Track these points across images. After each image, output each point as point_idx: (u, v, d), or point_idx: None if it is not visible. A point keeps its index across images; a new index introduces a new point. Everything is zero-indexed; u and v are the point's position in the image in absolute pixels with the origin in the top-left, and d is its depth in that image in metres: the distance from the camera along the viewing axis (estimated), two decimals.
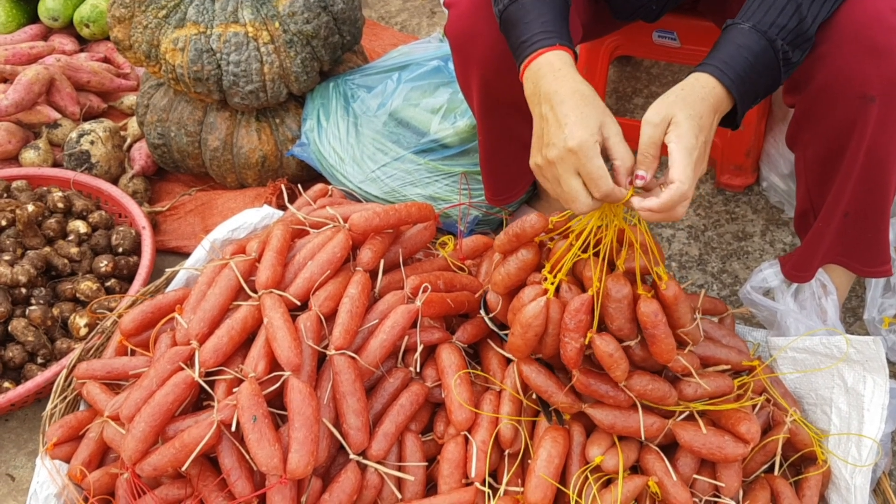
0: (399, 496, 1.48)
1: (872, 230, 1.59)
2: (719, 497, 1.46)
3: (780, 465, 1.55)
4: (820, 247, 1.64)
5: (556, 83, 1.25)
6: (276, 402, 1.48)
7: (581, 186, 1.21)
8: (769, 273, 1.78)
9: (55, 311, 1.96)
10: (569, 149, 1.19)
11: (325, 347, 1.51)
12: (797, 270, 1.71)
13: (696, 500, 1.46)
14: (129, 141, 2.49)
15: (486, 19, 1.52)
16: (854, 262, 1.66)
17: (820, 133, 1.49)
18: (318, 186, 1.97)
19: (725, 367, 1.57)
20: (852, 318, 2.00)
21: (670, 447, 1.51)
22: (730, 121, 1.32)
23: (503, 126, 1.75)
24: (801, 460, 1.60)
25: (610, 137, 1.22)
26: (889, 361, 1.86)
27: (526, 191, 1.96)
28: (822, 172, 1.55)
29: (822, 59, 1.37)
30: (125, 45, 2.25)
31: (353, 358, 1.49)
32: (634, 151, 1.24)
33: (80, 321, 1.94)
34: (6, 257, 1.99)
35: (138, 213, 2.19)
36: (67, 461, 1.59)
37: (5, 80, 2.56)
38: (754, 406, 1.55)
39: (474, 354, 1.71)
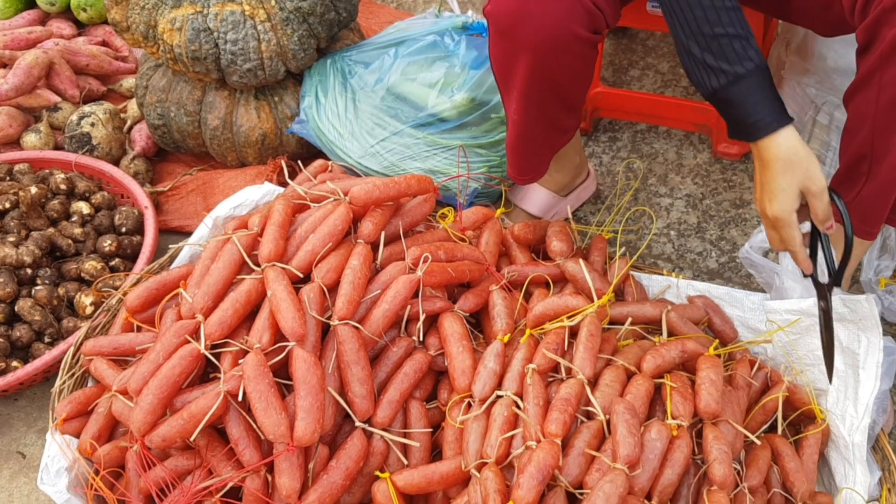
0: (405, 462, 1.50)
1: None
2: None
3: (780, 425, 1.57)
4: (890, 198, 1.55)
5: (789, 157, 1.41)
6: (282, 372, 1.50)
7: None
8: None
9: (61, 291, 1.98)
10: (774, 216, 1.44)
11: (329, 318, 1.53)
12: (866, 225, 1.59)
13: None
14: (129, 123, 2.50)
15: (538, 2, 1.48)
16: None
17: None
18: (318, 162, 1.98)
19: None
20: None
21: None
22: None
23: (541, 110, 1.70)
24: (800, 419, 1.62)
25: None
26: (886, 322, 1.88)
27: (547, 169, 1.93)
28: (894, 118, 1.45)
29: None
30: (123, 27, 2.25)
31: (356, 328, 1.51)
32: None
33: (85, 300, 1.96)
34: (11, 239, 2.01)
35: (140, 194, 2.20)
36: (77, 436, 1.61)
37: (5, 65, 2.57)
38: (752, 364, 1.57)
39: (476, 323, 1.74)
